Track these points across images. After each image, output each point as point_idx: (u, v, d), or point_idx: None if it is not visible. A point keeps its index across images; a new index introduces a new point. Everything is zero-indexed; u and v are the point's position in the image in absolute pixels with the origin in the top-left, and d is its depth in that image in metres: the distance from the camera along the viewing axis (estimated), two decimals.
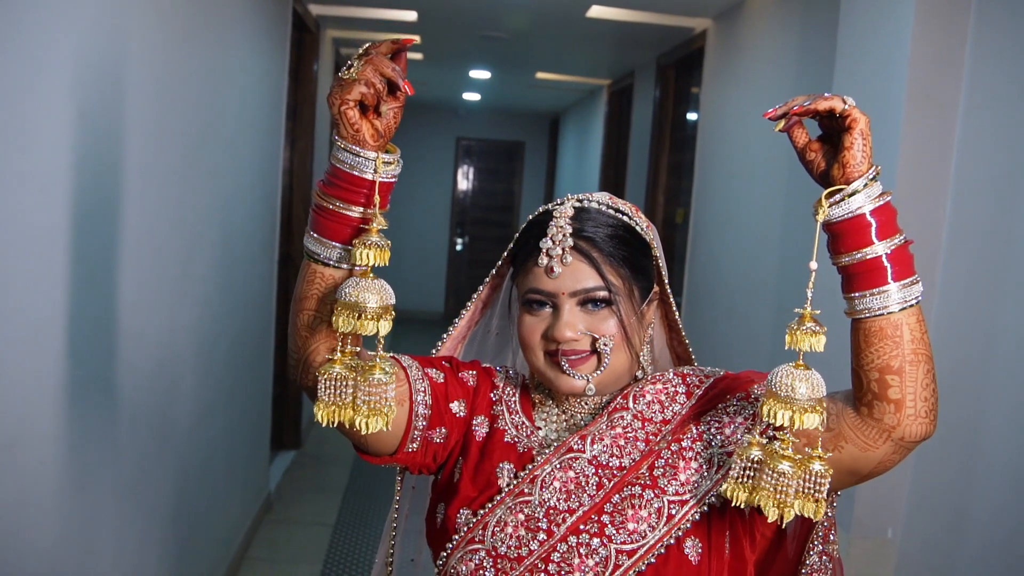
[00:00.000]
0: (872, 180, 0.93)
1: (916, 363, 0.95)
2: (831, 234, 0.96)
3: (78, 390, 1.83)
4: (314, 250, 1.00)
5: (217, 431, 3.09)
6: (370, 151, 0.95)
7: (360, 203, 0.97)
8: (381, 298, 0.94)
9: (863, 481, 1.03)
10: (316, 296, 1.01)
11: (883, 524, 2.28)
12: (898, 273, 0.94)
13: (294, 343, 1.06)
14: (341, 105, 0.93)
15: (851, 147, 0.93)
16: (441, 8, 4.54)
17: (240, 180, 3.20)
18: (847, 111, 0.93)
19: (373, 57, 0.94)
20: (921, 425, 0.96)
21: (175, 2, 2.32)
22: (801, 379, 0.92)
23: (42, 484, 1.70)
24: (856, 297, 0.96)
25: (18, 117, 1.52)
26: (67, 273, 1.74)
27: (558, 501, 1.07)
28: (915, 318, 0.95)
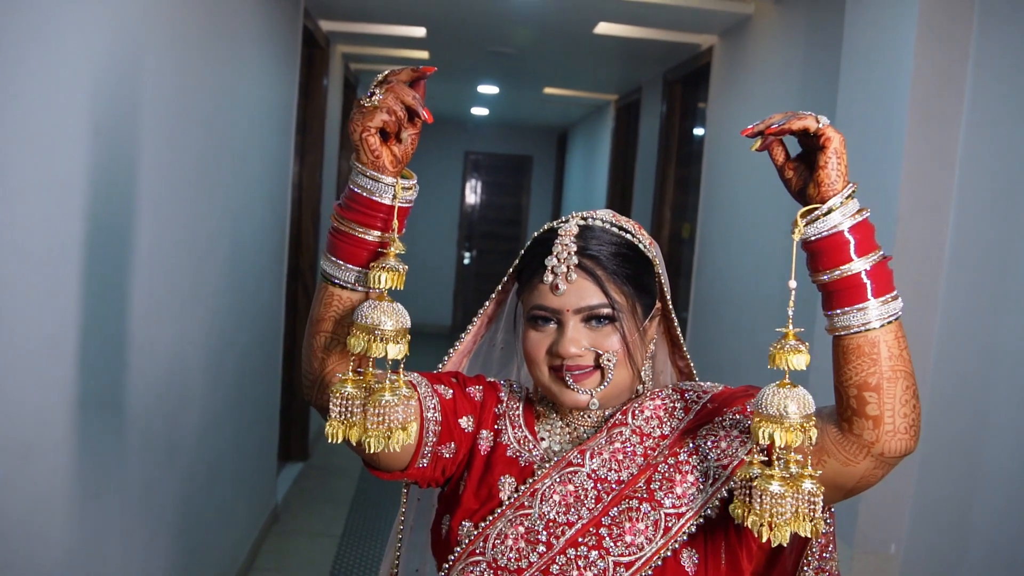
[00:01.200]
0: (848, 198, 0.94)
1: (894, 380, 0.95)
2: (810, 252, 0.97)
3: (90, 400, 1.86)
4: (331, 272, 1.02)
5: (225, 442, 3.11)
6: (389, 177, 0.97)
7: (377, 227, 0.99)
8: (397, 321, 0.95)
9: (849, 496, 1.04)
10: (333, 318, 1.03)
11: (886, 539, 2.28)
12: (878, 289, 0.95)
13: (309, 364, 1.07)
14: (363, 132, 0.95)
15: (825, 166, 0.94)
16: (449, 24, 4.58)
17: (250, 194, 3.24)
18: (821, 130, 0.94)
19: (394, 85, 0.95)
20: (900, 441, 0.96)
21: (187, 18, 2.36)
22: (790, 398, 0.92)
23: (55, 492, 1.73)
24: (837, 314, 0.96)
25: (35, 132, 1.56)
26: (80, 285, 1.78)
27: (557, 514, 1.09)
28: (893, 335, 0.95)
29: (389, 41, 5.13)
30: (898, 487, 2.27)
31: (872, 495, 2.27)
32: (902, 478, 2.26)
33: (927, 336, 2.22)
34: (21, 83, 1.49)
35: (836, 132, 0.95)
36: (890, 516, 2.28)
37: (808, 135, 0.95)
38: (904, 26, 2.21)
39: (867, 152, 2.40)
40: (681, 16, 3.99)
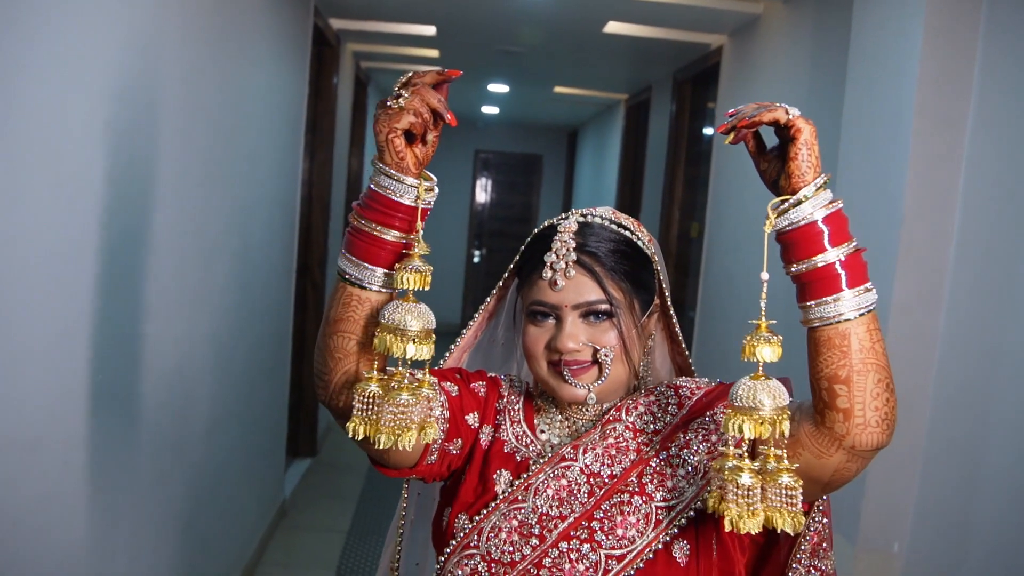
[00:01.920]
0: (820, 188, 0.95)
1: (864, 373, 0.95)
2: (784, 244, 0.97)
3: (99, 394, 1.88)
4: (349, 271, 1.02)
5: (233, 437, 3.14)
6: (412, 178, 0.98)
7: (396, 227, 0.99)
8: (422, 321, 0.97)
9: (827, 490, 1.03)
10: (353, 319, 1.02)
11: (889, 538, 2.29)
12: (852, 280, 0.94)
13: (324, 363, 1.06)
14: (389, 133, 0.96)
15: (795, 157, 0.95)
16: (459, 23, 4.60)
17: (260, 191, 3.26)
18: (791, 121, 0.94)
19: (420, 88, 0.97)
20: (872, 435, 0.96)
21: (198, 17, 2.38)
22: (763, 390, 0.91)
23: (64, 486, 1.76)
24: (811, 306, 0.96)
25: (46, 130, 1.58)
26: (90, 282, 1.80)
27: (550, 508, 1.11)
28: (865, 327, 0.95)
29: (399, 40, 5.15)
30: (901, 486, 2.27)
31: (875, 494, 2.28)
32: (905, 477, 2.27)
33: (931, 336, 2.22)
34: (33, 82, 1.52)
35: (807, 123, 0.94)
36: (893, 515, 2.28)
37: (780, 127, 0.95)
38: (911, 27, 2.21)
39: (873, 152, 2.40)
40: (690, 16, 3.99)
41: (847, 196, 2.49)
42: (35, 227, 1.57)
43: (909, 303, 2.21)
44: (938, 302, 2.21)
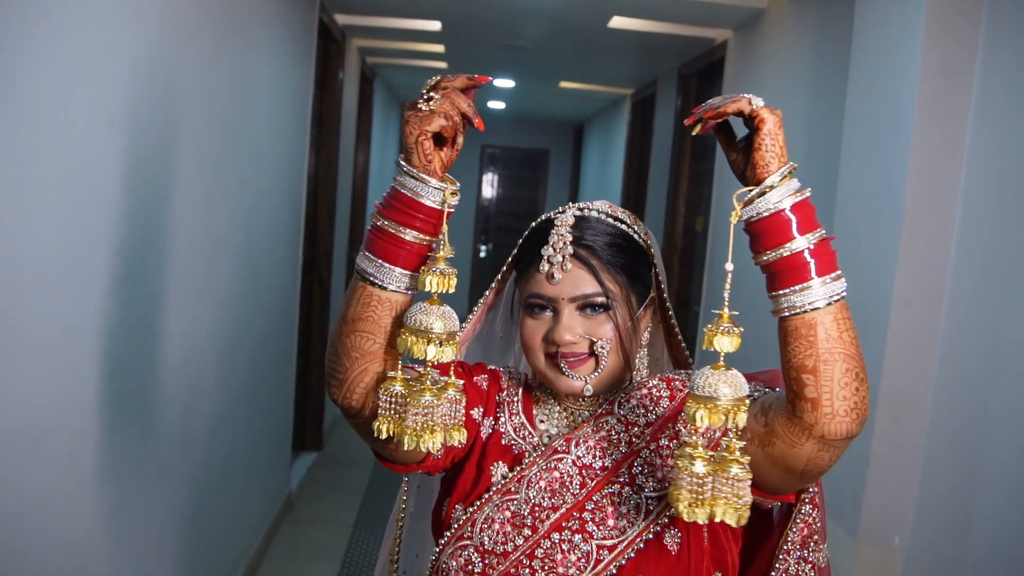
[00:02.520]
0: (787, 176, 0.94)
1: (831, 362, 0.94)
2: (753, 233, 0.96)
3: (106, 387, 1.90)
4: (368, 269, 1.01)
5: (239, 431, 3.16)
6: (436, 180, 0.98)
7: (416, 227, 0.99)
8: (446, 324, 0.98)
9: (805, 480, 1.04)
10: (372, 319, 1.02)
11: (890, 532, 2.30)
12: (821, 268, 0.94)
13: (339, 362, 1.05)
14: (419, 136, 0.96)
15: (760, 147, 0.95)
16: (464, 18, 4.61)
17: (265, 186, 3.28)
18: (754, 112, 0.94)
19: (451, 92, 0.97)
20: (840, 424, 0.96)
21: (204, 13, 2.40)
22: (723, 380, 0.91)
23: (70, 477, 1.78)
24: (780, 295, 0.95)
25: (51, 126, 1.60)
26: (97, 276, 1.82)
27: (543, 499, 1.12)
28: (832, 316, 0.94)
29: (405, 35, 5.16)
30: (902, 480, 2.28)
31: (876, 488, 2.28)
32: (906, 471, 2.27)
33: (933, 330, 2.23)
34: (39, 78, 1.53)
35: (771, 113, 0.95)
36: (894, 509, 2.29)
37: (746, 117, 0.96)
38: (912, 22, 2.21)
39: (874, 146, 2.40)
40: (694, 10, 3.99)
41: (849, 191, 2.51)
42: (42, 222, 1.58)
43: (910, 297, 2.21)
44: (939, 296, 2.21)
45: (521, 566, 1.09)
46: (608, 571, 1.07)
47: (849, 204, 2.51)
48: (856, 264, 2.45)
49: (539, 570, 1.09)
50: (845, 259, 2.61)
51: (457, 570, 1.12)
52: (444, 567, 1.14)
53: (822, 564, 1.15)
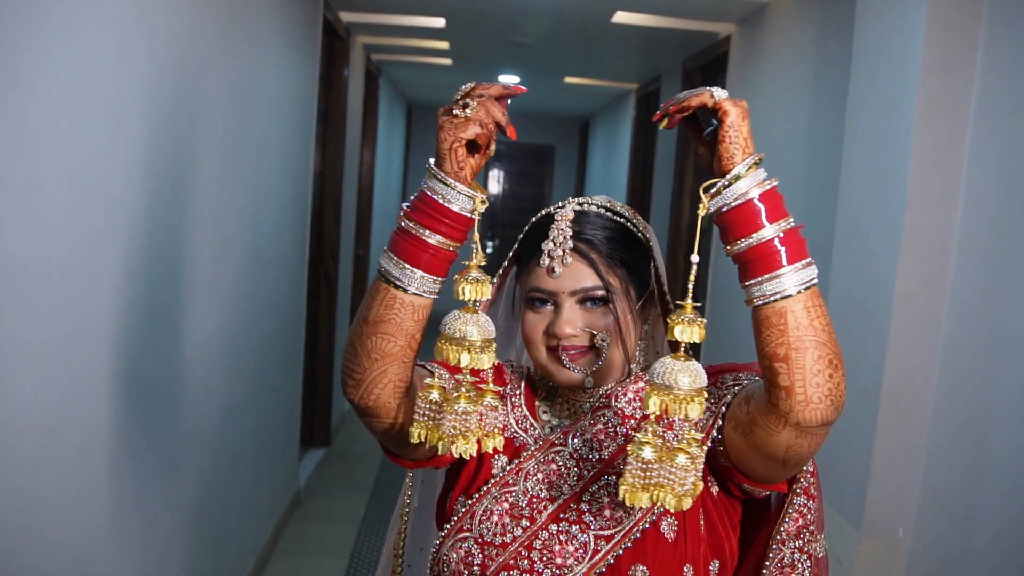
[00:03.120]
0: (754, 166, 0.95)
1: (803, 350, 0.94)
2: (723, 225, 0.97)
3: (115, 383, 1.92)
4: (390, 271, 1.01)
5: (247, 427, 3.18)
6: (465, 186, 0.99)
7: (440, 231, 0.99)
8: (482, 332, 0.99)
9: (788, 467, 1.04)
10: (395, 322, 1.01)
11: (894, 523, 2.31)
12: (792, 255, 0.94)
13: (359, 363, 1.04)
14: (454, 142, 0.97)
15: (724, 139, 0.95)
16: (468, 14, 4.62)
17: (271, 183, 3.30)
18: (717, 104, 0.95)
19: (486, 100, 0.98)
20: (814, 411, 0.96)
21: (210, 10, 2.42)
22: (682, 370, 0.92)
23: (81, 470, 1.80)
24: (753, 284, 0.96)
25: (58, 123, 1.62)
26: (106, 273, 1.84)
27: (540, 490, 1.14)
28: (802, 304, 0.94)
29: (409, 32, 5.18)
30: (906, 472, 2.29)
31: (880, 480, 2.29)
32: (910, 463, 2.28)
33: (935, 323, 2.24)
34: (44, 75, 1.55)
35: (734, 105, 0.95)
36: (898, 501, 2.30)
37: (712, 111, 0.96)
38: (914, 15, 2.22)
39: (877, 140, 2.41)
40: (698, 4, 4.00)
41: (851, 184, 2.52)
42: (50, 219, 1.60)
43: (913, 290, 2.22)
44: (942, 289, 2.22)
45: (520, 557, 1.11)
46: (606, 561, 1.09)
47: (851, 197, 2.52)
48: (858, 257, 2.45)
49: (537, 561, 1.10)
50: (848, 253, 2.62)
51: (458, 562, 1.14)
52: (445, 559, 1.15)
53: (819, 555, 1.16)
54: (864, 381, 2.35)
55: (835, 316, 2.63)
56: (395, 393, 1.04)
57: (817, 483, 1.15)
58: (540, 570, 1.10)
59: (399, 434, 1.08)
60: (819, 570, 1.16)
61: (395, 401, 1.05)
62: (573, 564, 1.09)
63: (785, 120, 3.47)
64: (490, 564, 1.11)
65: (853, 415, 2.41)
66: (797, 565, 1.14)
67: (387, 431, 1.08)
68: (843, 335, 2.73)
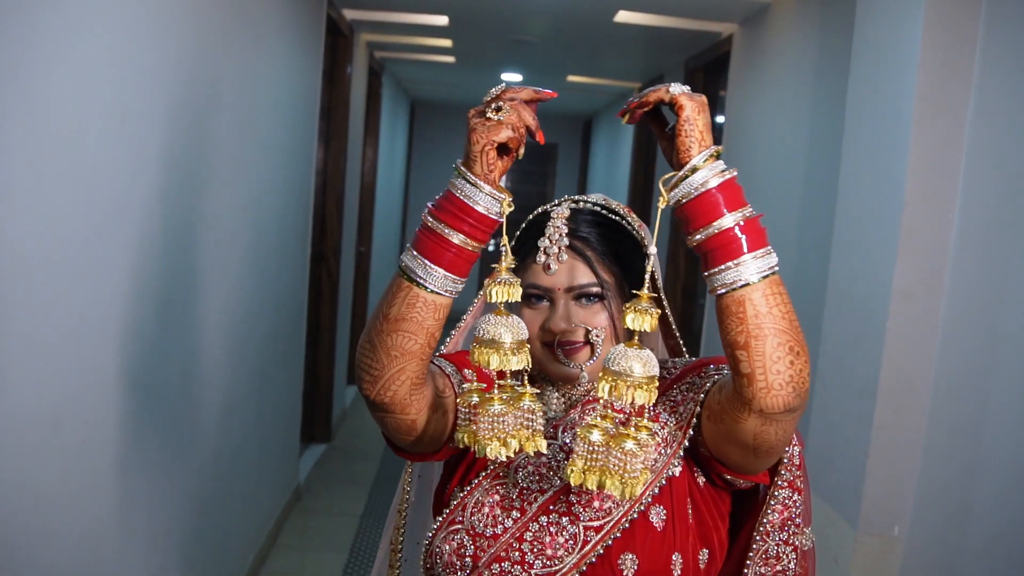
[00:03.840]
0: (712, 158, 0.97)
1: (761, 338, 0.95)
2: (683, 216, 0.99)
3: (118, 378, 1.94)
4: (411, 267, 1.01)
5: (248, 423, 3.20)
6: (491, 188, 1.00)
7: (464, 231, 1.00)
8: (514, 334, 1.00)
9: (759, 455, 1.05)
10: (416, 320, 1.02)
11: (890, 521, 2.32)
12: (752, 243, 0.96)
13: (378, 360, 1.04)
14: (486, 145, 0.98)
15: (680, 133, 0.97)
16: (471, 12, 4.63)
17: (274, 180, 3.32)
18: (674, 99, 0.97)
19: (518, 104, 0.99)
20: (776, 398, 0.97)
21: (213, 6, 2.43)
22: (635, 358, 0.94)
23: (85, 464, 1.82)
24: (714, 273, 0.97)
25: (63, 120, 1.63)
26: (109, 267, 1.86)
27: (530, 483, 1.16)
28: (760, 292, 0.96)
29: (412, 29, 5.19)
30: (902, 470, 2.30)
31: (876, 478, 2.31)
32: (907, 461, 2.30)
33: (933, 321, 2.25)
34: (49, 73, 1.57)
35: (690, 99, 0.97)
36: (894, 498, 2.31)
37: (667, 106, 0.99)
38: (912, 16, 2.23)
39: (875, 139, 2.42)
40: (700, 4, 4.01)
41: (850, 182, 2.53)
42: (55, 216, 1.62)
43: (910, 289, 2.23)
44: (939, 287, 2.23)
45: (511, 549, 1.12)
46: (596, 551, 1.11)
47: (850, 196, 2.53)
48: (857, 256, 2.47)
49: (528, 552, 1.12)
50: (846, 251, 2.63)
51: (450, 553, 1.15)
52: (438, 551, 1.17)
53: (806, 547, 1.17)
54: (861, 379, 2.36)
55: (833, 315, 2.65)
56: (412, 389, 1.06)
57: (803, 476, 1.16)
58: (531, 561, 1.11)
59: (410, 429, 1.09)
60: (805, 562, 1.17)
61: (410, 397, 1.06)
62: (563, 555, 1.11)
63: (786, 118, 3.49)
64: (482, 555, 1.13)
65: (850, 413, 2.42)
66: (782, 557, 1.15)
67: (398, 426, 1.09)
68: (841, 334, 2.74)
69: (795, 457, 1.15)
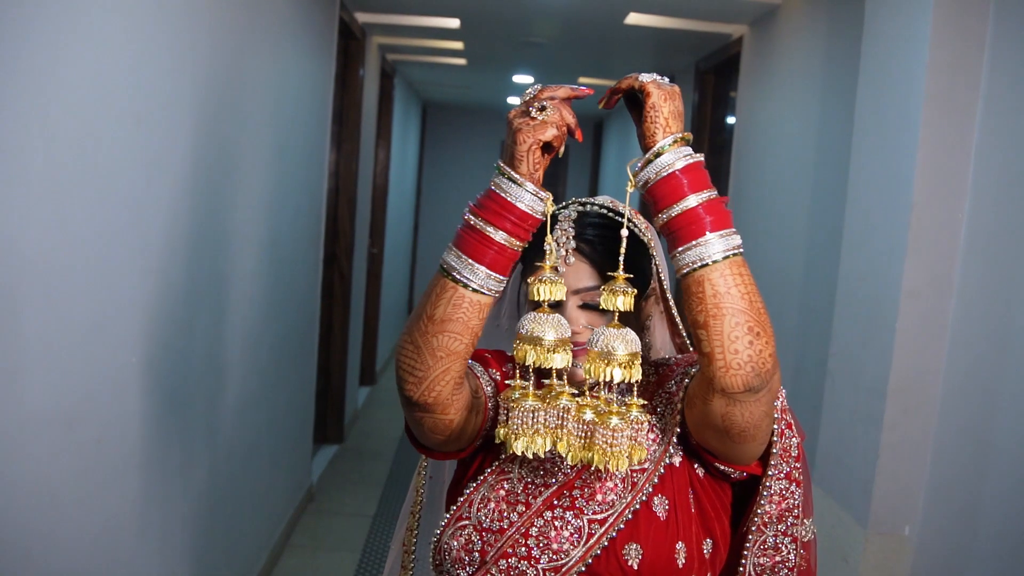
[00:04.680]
0: (678, 143, 0.99)
1: (720, 317, 0.98)
2: (650, 199, 1.01)
3: (132, 376, 1.97)
4: (452, 264, 1.03)
5: (262, 423, 3.23)
6: (533, 185, 1.02)
7: (506, 228, 1.02)
8: (557, 332, 1.03)
9: (736, 440, 1.06)
10: (462, 320, 1.03)
11: (900, 521, 2.32)
12: (715, 223, 0.98)
13: (422, 361, 1.05)
14: (533, 144, 1.00)
15: (646, 119, 1.01)
16: (482, 15, 4.65)
17: (287, 182, 3.34)
18: (642, 86, 1.01)
19: (559, 103, 1.02)
20: (735, 377, 0.99)
21: (227, 10, 2.46)
22: (618, 338, 0.99)
23: (99, 462, 1.84)
24: (680, 252, 0.99)
25: (79, 122, 1.66)
26: (124, 268, 1.88)
27: (534, 476, 1.17)
28: (719, 273, 0.98)
29: (424, 32, 5.22)
30: (912, 469, 2.31)
31: (886, 477, 2.31)
32: (916, 461, 2.30)
33: (942, 321, 2.25)
34: (66, 77, 1.59)
35: (657, 87, 1.00)
36: (904, 498, 2.31)
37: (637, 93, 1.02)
38: (921, 17, 2.24)
39: (884, 139, 2.43)
40: (711, 6, 4.02)
41: (860, 182, 2.54)
42: (73, 217, 1.65)
43: (920, 288, 2.24)
44: (948, 287, 2.24)
45: (518, 544, 1.14)
46: (601, 544, 1.12)
47: (860, 196, 2.54)
48: (866, 256, 2.47)
49: (535, 547, 1.13)
50: (855, 251, 2.63)
51: (458, 549, 1.17)
52: (446, 547, 1.19)
53: (806, 538, 1.18)
54: (871, 379, 2.37)
55: (843, 314, 2.65)
56: (454, 389, 1.08)
57: (803, 468, 1.18)
58: (537, 556, 1.13)
59: (447, 428, 1.11)
60: (807, 553, 1.19)
61: (452, 397, 1.08)
62: (569, 548, 1.13)
63: (796, 119, 3.49)
64: (489, 550, 1.15)
65: (860, 412, 2.43)
66: (781, 548, 1.17)
67: (436, 425, 1.10)
68: (850, 333, 2.74)
69: (792, 448, 1.16)
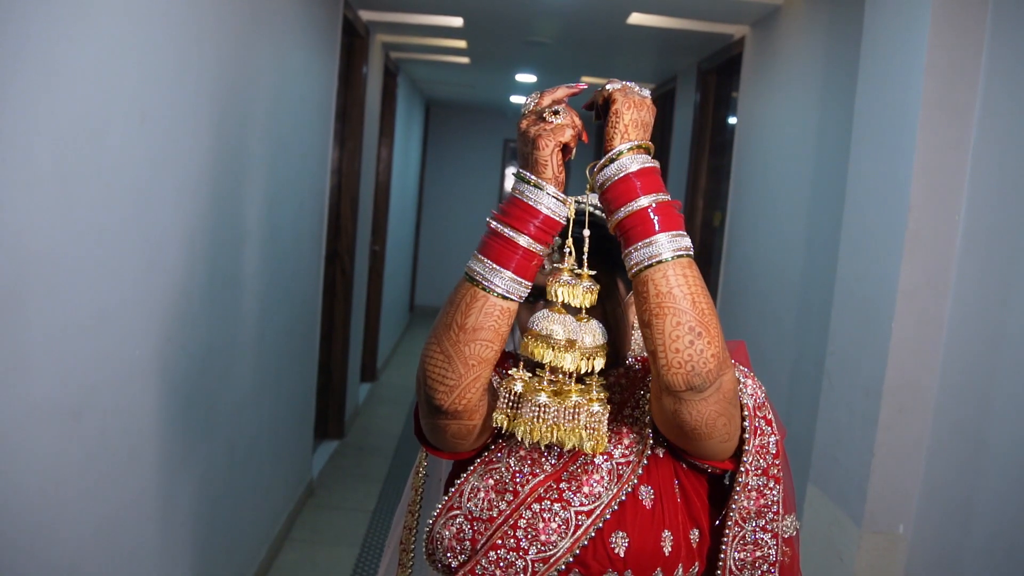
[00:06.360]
0: (635, 150, 1.02)
1: (661, 316, 1.00)
2: (605, 201, 1.05)
3: (135, 369, 1.99)
4: (477, 271, 1.04)
5: (263, 418, 3.25)
6: (554, 188, 1.04)
7: (529, 232, 1.04)
8: (568, 331, 1.05)
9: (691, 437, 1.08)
10: (494, 328, 1.04)
11: (894, 520, 2.34)
12: (664, 224, 1.01)
13: (454, 370, 1.05)
14: (556, 147, 1.03)
15: (608, 124, 1.05)
16: (486, 14, 4.67)
17: (290, 179, 3.36)
18: (608, 93, 1.05)
19: (566, 106, 1.06)
20: (676, 376, 1.00)
21: (231, 7, 2.48)
22: (558, 322, 1.03)
23: (103, 453, 1.86)
24: (630, 252, 1.02)
25: (85, 120, 1.68)
26: (128, 263, 1.91)
27: (522, 466, 1.20)
28: (662, 273, 1.00)
29: (427, 31, 5.24)
30: (907, 468, 2.32)
31: (881, 476, 2.33)
32: (911, 460, 2.32)
33: (938, 321, 2.27)
34: (71, 72, 1.61)
35: (622, 95, 1.04)
36: (899, 497, 2.33)
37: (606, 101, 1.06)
38: (920, 19, 2.25)
39: (882, 140, 2.44)
40: (713, 6, 4.03)
41: (858, 183, 2.56)
42: (77, 212, 1.67)
43: (916, 289, 2.26)
44: (944, 287, 2.25)
45: (507, 536, 1.16)
46: (588, 534, 1.15)
47: (857, 197, 2.56)
48: (863, 256, 2.49)
49: (523, 539, 1.16)
50: (853, 252, 2.65)
51: (450, 539, 1.19)
52: (438, 536, 1.21)
53: (786, 534, 1.20)
54: (867, 379, 2.39)
55: (840, 314, 2.67)
56: (483, 395, 1.10)
57: (783, 465, 1.20)
58: (526, 547, 1.15)
59: (469, 433, 1.13)
60: (790, 548, 1.21)
61: (479, 402, 1.10)
62: (557, 540, 1.15)
63: (795, 119, 3.51)
64: (479, 539, 1.17)
65: (856, 412, 2.44)
66: (761, 543, 1.19)
67: (459, 431, 1.12)
68: (847, 333, 2.76)
69: (770, 446, 1.18)
